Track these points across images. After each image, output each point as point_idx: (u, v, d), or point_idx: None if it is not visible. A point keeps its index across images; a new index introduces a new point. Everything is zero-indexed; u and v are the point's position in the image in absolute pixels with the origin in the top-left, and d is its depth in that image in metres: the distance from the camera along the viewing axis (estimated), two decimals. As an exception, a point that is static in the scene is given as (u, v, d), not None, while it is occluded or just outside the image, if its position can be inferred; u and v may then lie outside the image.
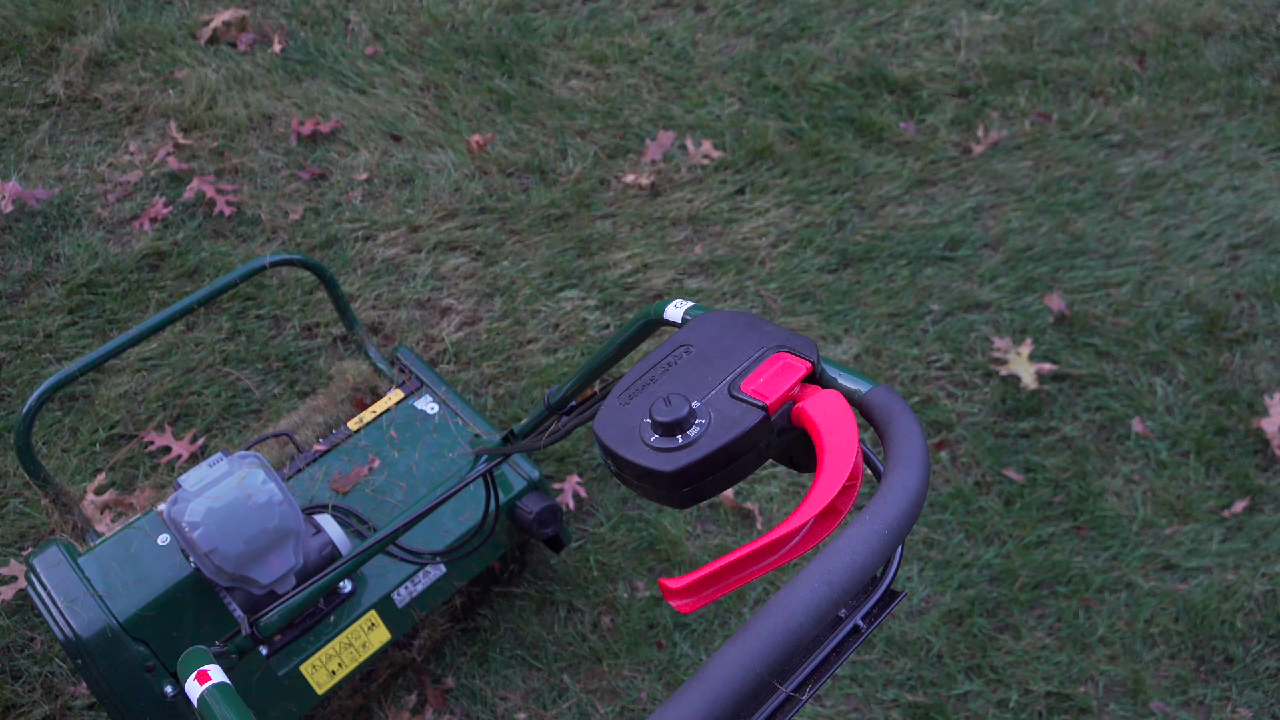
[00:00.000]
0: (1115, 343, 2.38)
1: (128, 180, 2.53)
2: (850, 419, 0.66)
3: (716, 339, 0.72)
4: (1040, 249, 2.56)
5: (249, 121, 2.69)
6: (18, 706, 1.74)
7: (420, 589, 1.63)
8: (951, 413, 2.24)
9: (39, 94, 2.73)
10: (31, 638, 1.82)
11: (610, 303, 2.40)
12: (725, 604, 1.96)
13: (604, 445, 0.68)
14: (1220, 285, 2.50)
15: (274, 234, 2.47)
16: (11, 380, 2.17)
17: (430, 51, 2.92)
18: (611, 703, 1.83)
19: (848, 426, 0.65)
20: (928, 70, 2.97)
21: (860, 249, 2.54)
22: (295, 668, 1.51)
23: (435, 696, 1.79)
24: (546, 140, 2.73)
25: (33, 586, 1.45)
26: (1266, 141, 2.84)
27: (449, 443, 1.76)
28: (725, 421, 0.66)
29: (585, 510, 2.06)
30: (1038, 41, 3.08)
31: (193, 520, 1.33)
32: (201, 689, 0.87)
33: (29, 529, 1.95)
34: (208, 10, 2.96)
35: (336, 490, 1.68)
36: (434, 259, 2.45)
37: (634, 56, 2.96)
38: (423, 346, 2.29)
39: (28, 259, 2.37)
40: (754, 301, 2.43)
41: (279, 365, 2.24)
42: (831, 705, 1.84)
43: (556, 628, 1.90)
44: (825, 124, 2.82)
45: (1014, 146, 2.81)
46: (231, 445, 2.08)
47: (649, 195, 2.63)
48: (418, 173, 2.62)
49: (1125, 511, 2.11)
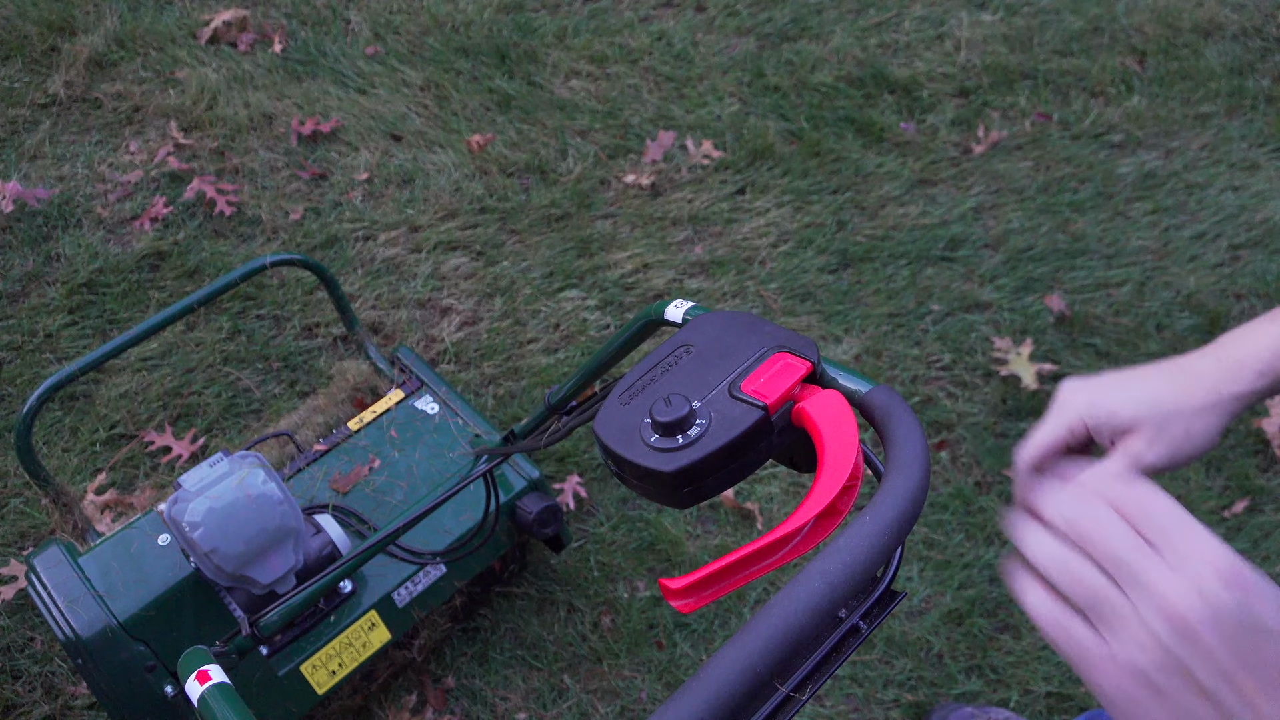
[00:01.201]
0: (1116, 343, 2.38)
1: (128, 180, 2.53)
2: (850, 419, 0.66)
3: (717, 339, 0.72)
4: (1041, 249, 2.56)
5: (249, 121, 2.69)
6: (18, 706, 1.74)
7: (420, 589, 1.63)
8: (952, 413, 2.24)
9: (39, 94, 2.73)
10: (32, 638, 1.82)
11: (610, 303, 2.40)
12: (725, 604, 1.96)
13: (604, 445, 0.68)
14: (1221, 285, 2.50)
15: (274, 234, 2.47)
16: (11, 380, 2.17)
17: (431, 51, 2.92)
18: (612, 703, 1.83)
19: (848, 427, 0.65)
20: (928, 70, 2.97)
21: (860, 249, 2.54)
22: (295, 668, 1.51)
23: (435, 696, 1.79)
24: (547, 140, 2.73)
25: (33, 586, 1.45)
26: (1267, 142, 2.84)
27: (449, 443, 1.76)
28: (725, 421, 0.65)
29: (585, 510, 2.06)
30: (1038, 42, 3.08)
31: (193, 520, 1.33)
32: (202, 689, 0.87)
33: (29, 529, 1.95)
34: (208, 10, 2.96)
35: (337, 490, 1.68)
36: (434, 259, 2.45)
37: (634, 56, 2.96)
38: (423, 346, 2.29)
39: (28, 259, 2.37)
40: (754, 301, 2.43)
41: (279, 365, 2.23)
42: (831, 705, 1.84)
43: (557, 628, 1.90)
44: (825, 124, 2.82)
45: (1014, 147, 2.81)
46: (232, 445, 2.08)
47: (649, 195, 2.63)
48: (418, 173, 2.62)
49: (1125, 512, 2.11)
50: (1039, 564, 0.53)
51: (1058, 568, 0.52)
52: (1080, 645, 0.50)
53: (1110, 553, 0.50)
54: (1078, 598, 0.50)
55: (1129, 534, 0.50)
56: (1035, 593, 0.52)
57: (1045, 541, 0.53)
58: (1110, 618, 0.49)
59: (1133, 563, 0.49)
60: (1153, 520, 0.51)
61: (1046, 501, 0.55)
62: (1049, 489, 0.55)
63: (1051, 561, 0.52)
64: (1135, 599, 0.48)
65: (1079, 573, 0.51)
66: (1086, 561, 0.51)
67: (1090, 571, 0.51)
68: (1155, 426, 0.69)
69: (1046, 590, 0.52)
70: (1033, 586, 0.53)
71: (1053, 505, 0.54)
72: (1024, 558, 0.54)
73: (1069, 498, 0.54)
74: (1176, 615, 0.47)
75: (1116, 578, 0.50)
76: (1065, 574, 0.51)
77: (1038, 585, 0.52)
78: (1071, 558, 0.52)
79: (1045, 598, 0.52)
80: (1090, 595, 0.50)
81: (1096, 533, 0.51)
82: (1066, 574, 0.51)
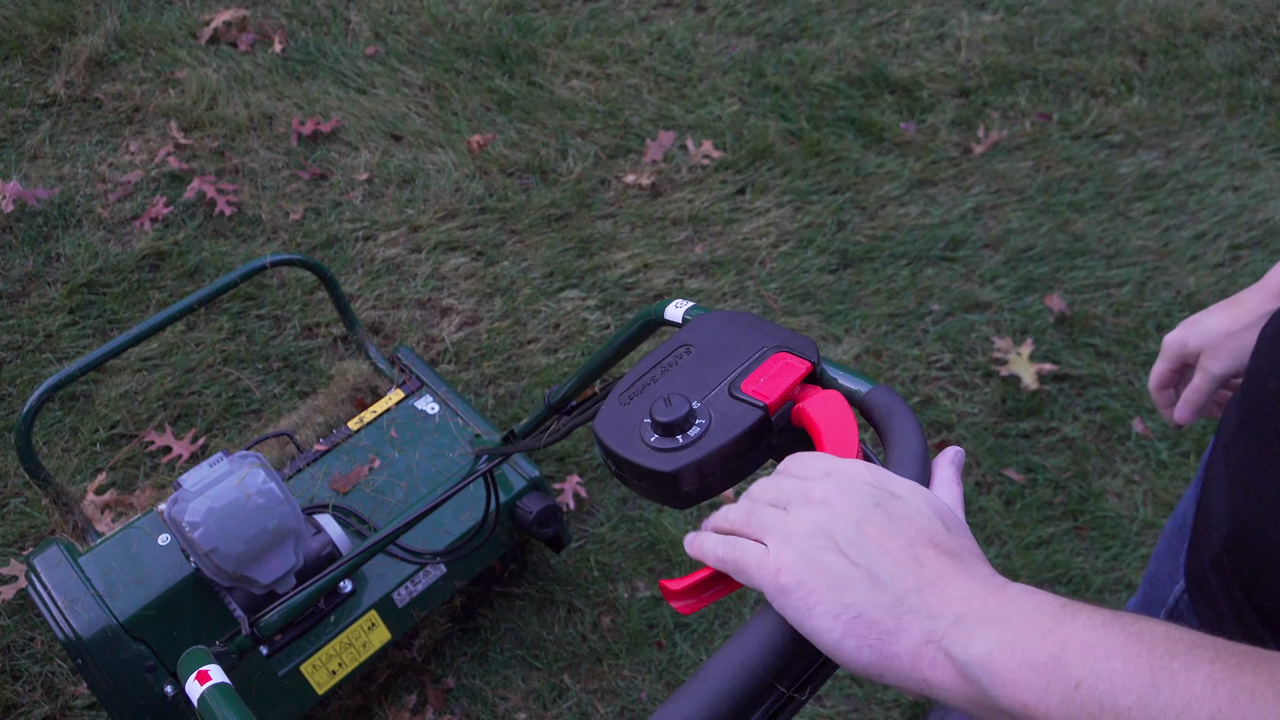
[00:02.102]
0: (1116, 343, 2.38)
1: (128, 180, 2.53)
2: (850, 419, 0.66)
3: (716, 339, 0.72)
4: (1041, 249, 2.56)
5: (249, 121, 2.69)
6: (18, 706, 1.74)
7: (420, 589, 1.63)
8: (952, 413, 2.24)
9: (40, 94, 2.73)
10: (32, 637, 1.82)
11: (610, 303, 2.40)
12: (726, 604, 1.96)
13: (604, 445, 0.68)
14: (1221, 285, 2.50)
15: (274, 234, 2.47)
16: (11, 380, 2.17)
17: (431, 51, 2.92)
18: (612, 703, 1.83)
19: (848, 427, 0.65)
20: (928, 70, 2.97)
21: (861, 249, 2.54)
22: (295, 668, 1.51)
23: (435, 696, 1.79)
24: (547, 140, 2.73)
25: (33, 586, 1.45)
26: (1267, 142, 2.84)
27: (449, 443, 1.76)
28: (725, 421, 0.66)
29: (585, 510, 2.06)
30: (1038, 42, 3.08)
31: (193, 520, 1.33)
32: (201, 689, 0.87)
33: (29, 529, 1.96)
34: (208, 10, 2.96)
35: (337, 490, 1.68)
36: (434, 259, 2.45)
37: (634, 56, 2.96)
38: (423, 346, 2.29)
39: (28, 259, 2.37)
40: (754, 301, 2.43)
41: (279, 365, 2.24)
42: (831, 705, 1.84)
43: (557, 628, 1.90)
44: (826, 124, 2.82)
45: (1014, 147, 2.81)
46: (232, 445, 2.08)
47: (649, 195, 2.63)
48: (418, 173, 2.63)
49: (1126, 512, 2.11)
50: (716, 525, 0.61)
51: (727, 518, 0.60)
52: (747, 555, 0.56)
53: (770, 496, 0.59)
54: (744, 528, 0.58)
55: (783, 479, 0.60)
56: (707, 538, 0.59)
57: (718, 518, 0.61)
58: (772, 530, 0.56)
59: (787, 491, 0.58)
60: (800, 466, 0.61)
61: (713, 519, 0.62)
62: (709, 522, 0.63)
63: (725, 520, 0.60)
64: (790, 511, 0.57)
65: (743, 512, 0.59)
66: (752, 511, 0.59)
67: (753, 509, 0.59)
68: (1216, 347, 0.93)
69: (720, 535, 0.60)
70: (705, 535, 0.60)
71: (719, 518, 0.62)
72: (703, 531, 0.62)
73: (729, 507, 0.62)
74: (818, 497, 0.56)
75: (776, 507, 0.58)
76: (733, 518, 0.60)
77: (708, 534, 0.60)
78: (738, 511, 0.60)
79: (716, 537, 0.59)
80: (755, 521, 0.58)
81: (757, 496, 0.60)
82: (734, 518, 0.60)
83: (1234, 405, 0.82)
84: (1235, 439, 0.78)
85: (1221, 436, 0.83)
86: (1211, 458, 0.85)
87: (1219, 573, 0.80)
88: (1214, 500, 0.81)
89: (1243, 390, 0.79)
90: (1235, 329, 0.91)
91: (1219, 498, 0.79)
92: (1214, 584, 0.80)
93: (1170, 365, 1.00)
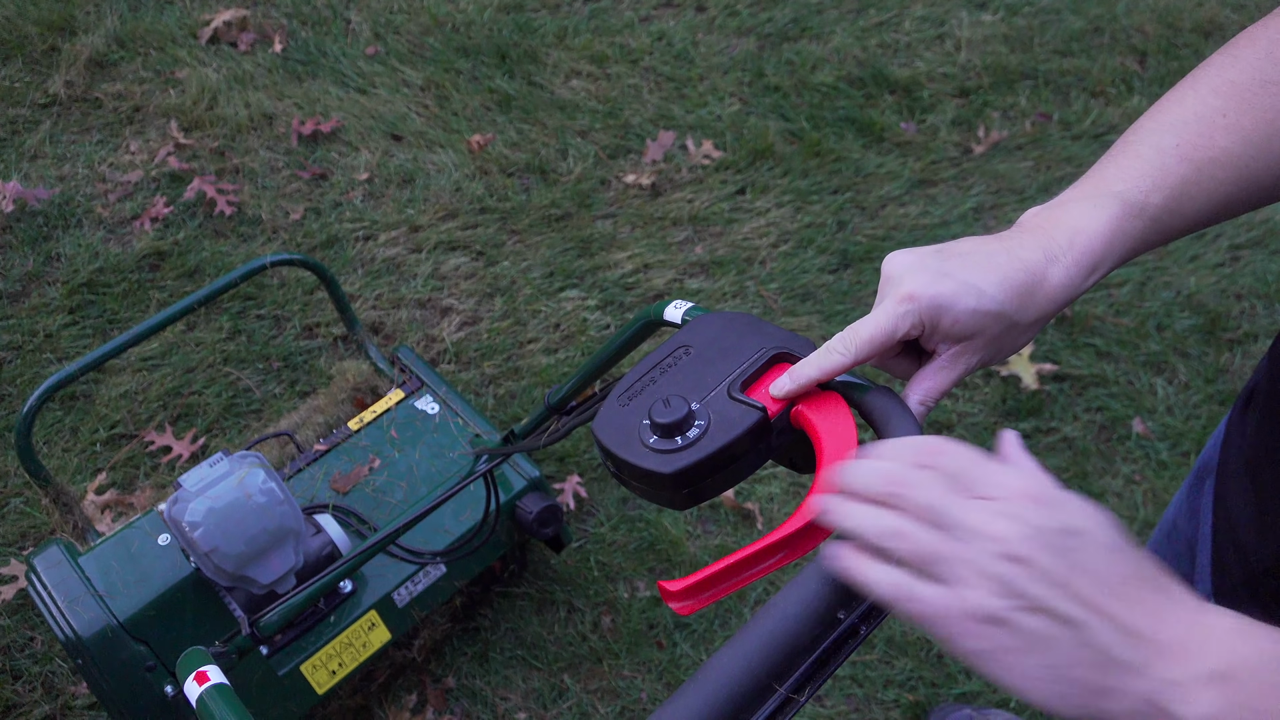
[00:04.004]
0: (1116, 343, 2.38)
1: (128, 180, 2.53)
2: (849, 420, 0.66)
3: (716, 340, 0.72)
4: (1041, 249, 2.56)
5: (250, 121, 2.69)
6: (18, 706, 1.74)
7: (420, 589, 1.63)
8: (952, 413, 2.24)
9: (40, 94, 2.73)
10: (32, 637, 1.82)
11: (611, 303, 2.40)
12: (726, 605, 1.96)
13: (603, 446, 0.68)
14: (1221, 285, 2.50)
15: (274, 234, 2.47)
16: (11, 380, 2.17)
17: (431, 51, 2.92)
18: (612, 703, 1.83)
19: (847, 428, 0.65)
20: (928, 70, 2.97)
21: (861, 249, 2.53)
22: (295, 667, 1.51)
23: (435, 696, 1.79)
24: (547, 140, 2.73)
25: (33, 586, 1.45)
26: (1267, 142, 2.84)
27: (449, 443, 1.76)
28: (724, 423, 0.65)
29: (585, 510, 2.06)
30: (1038, 42, 3.08)
31: (193, 520, 1.33)
32: (200, 690, 0.87)
33: (29, 529, 1.96)
34: (208, 10, 2.96)
35: (337, 490, 1.68)
36: (434, 259, 2.45)
37: (635, 56, 2.96)
38: (423, 346, 2.29)
39: (28, 259, 2.37)
40: (754, 302, 2.43)
41: (279, 365, 2.24)
42: (831, 705, 1.84)
43: (557, 628, 1.90)
44: (826, 124, 2.82)
45: (1015, 147, 2.81)
46: (232, 445, 2.08)
47: (649, 195, 2.63)
48: (418, 173, 2.63)
49: (1126, 511, 2.11)
50: (867, 534, 0.53)
51: (885, 531, 0.52)
52: (928, 602, 0.50)
53: (925, 502, 0.51)
54: (911, 556, 0.51)
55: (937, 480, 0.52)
56: (874, 568, 0.52)
57: (867, 512, 0.53)
58: (945, 567, 0.50)
59: (948, 507, 0.51)
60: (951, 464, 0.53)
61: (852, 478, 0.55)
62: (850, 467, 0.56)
63: (877, 527, 0.52)
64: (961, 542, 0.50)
65: (904, 530, 0.51)
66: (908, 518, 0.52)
67: (914, 526, 0.51)
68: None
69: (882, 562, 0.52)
70: (869, 563, 0.52)
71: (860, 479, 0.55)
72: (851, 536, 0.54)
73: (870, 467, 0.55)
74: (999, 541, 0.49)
75: (939, 526, 0.51)
76: (894, 535, 0.52)
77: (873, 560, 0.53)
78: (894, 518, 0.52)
79: (884, 569, 0.52)
80: (921, 549, 0.51)
81: (906, 490, 0.52)
82: (895, 535, 0.52)
83: (1241, 419, 0.76)
84: (1263, 458, 0.72)
85: (1234, 452, 0.77)
86: (1222, 474, 0.79)
87: (1252, 592, 0.76)
88: (1238, 521, 0.75)
89: (1264, 407, 0.73)
90: None
91: (1245, 520, 0.73)
92: (1249, 606, 0.78)
93: None
